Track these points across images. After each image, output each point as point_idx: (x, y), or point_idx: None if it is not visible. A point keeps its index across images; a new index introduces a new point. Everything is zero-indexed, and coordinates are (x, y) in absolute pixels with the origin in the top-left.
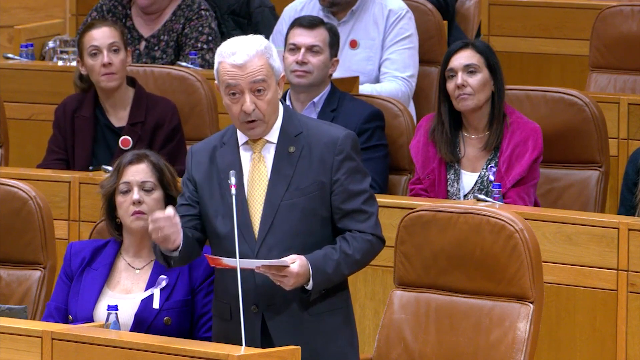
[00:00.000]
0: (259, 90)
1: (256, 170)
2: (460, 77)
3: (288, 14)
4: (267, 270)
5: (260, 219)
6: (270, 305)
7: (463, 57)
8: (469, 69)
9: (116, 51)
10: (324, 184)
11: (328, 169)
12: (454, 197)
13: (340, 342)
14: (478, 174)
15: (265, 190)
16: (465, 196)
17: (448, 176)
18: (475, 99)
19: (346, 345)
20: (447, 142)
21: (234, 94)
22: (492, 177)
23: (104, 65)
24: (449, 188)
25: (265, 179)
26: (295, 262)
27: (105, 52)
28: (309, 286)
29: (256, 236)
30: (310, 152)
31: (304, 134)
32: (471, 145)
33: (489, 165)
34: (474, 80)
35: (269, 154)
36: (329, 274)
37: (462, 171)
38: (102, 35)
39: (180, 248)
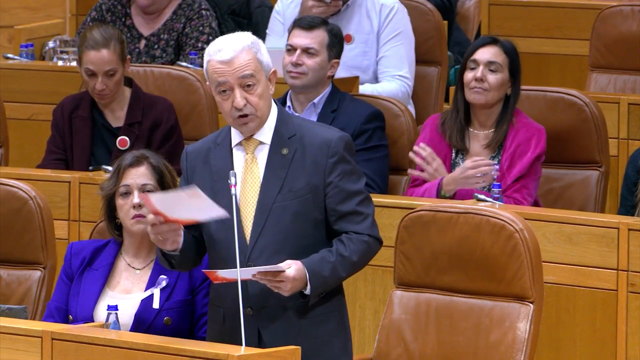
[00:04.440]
0: (248, 85)
1: (249, 172)
2: (480, 71)
3: (282, 9)
4: (263, 277)
5: (252, 222)
6: (262, 309)
7: (489, 53)
8: (492, 66)
9: (112, 75)
10: (317, 186)
11: (321, 172)
12: None
13: (334, 347)
14: None
15: (258, 192)
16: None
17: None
18: (488, 95)
19: (340, 350)
20: (459, 129)
21: (224, 91)
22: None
23: (97, 88)
24: None
25: (257, 181)
26: (291, 267)
27: (100, 78)
28: (307, 290)
29: (248, 239)
30: (303, 154)
31: (297, 136)
32: (476, 140)
33: (492, 164)
34: (493, 78)
35: (262, 155)
36: (326, 277)
37: None
38: (99, 60)
39: (180, 248)
